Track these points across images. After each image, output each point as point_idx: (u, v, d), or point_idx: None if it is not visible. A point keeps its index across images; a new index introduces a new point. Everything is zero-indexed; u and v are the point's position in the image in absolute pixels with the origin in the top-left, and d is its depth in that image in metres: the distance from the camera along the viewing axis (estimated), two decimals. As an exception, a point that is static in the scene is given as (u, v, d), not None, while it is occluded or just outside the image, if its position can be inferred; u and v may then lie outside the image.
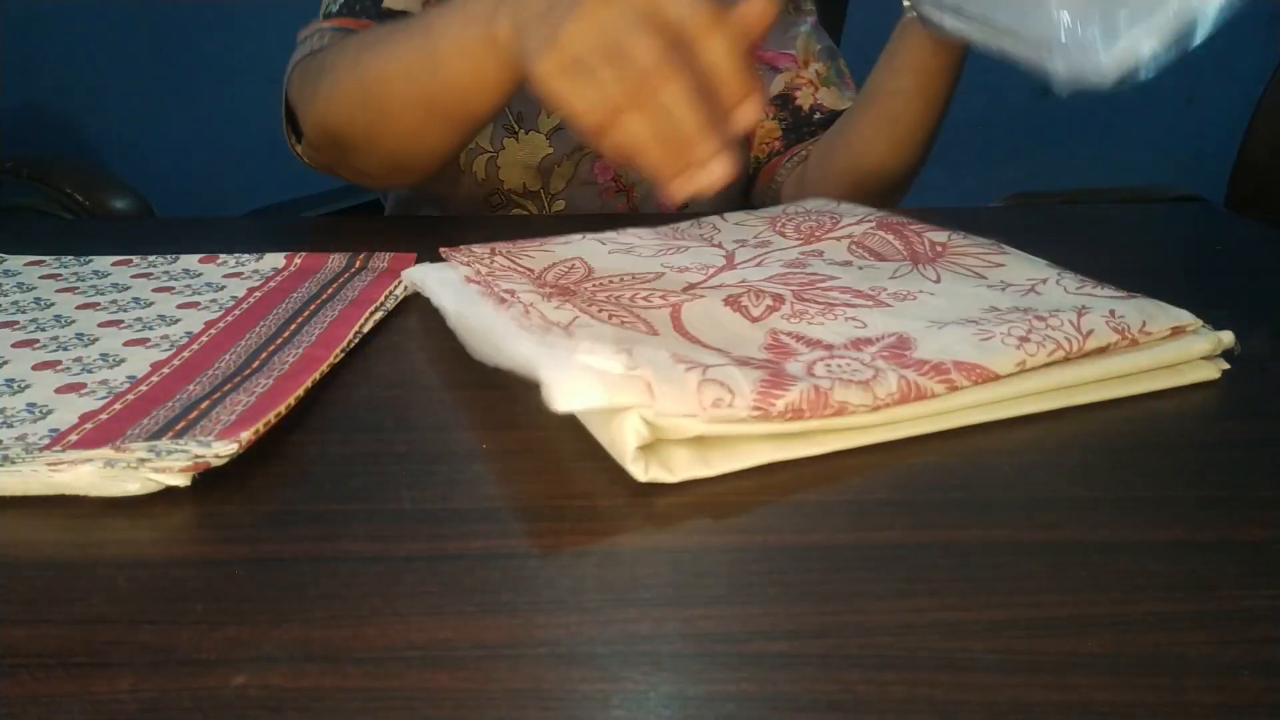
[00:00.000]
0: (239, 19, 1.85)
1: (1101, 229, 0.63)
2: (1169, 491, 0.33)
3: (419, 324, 0.48)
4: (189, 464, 0.32)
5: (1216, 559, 0.29)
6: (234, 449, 0.32)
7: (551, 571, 0.28)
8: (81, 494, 0.31)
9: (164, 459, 0.32)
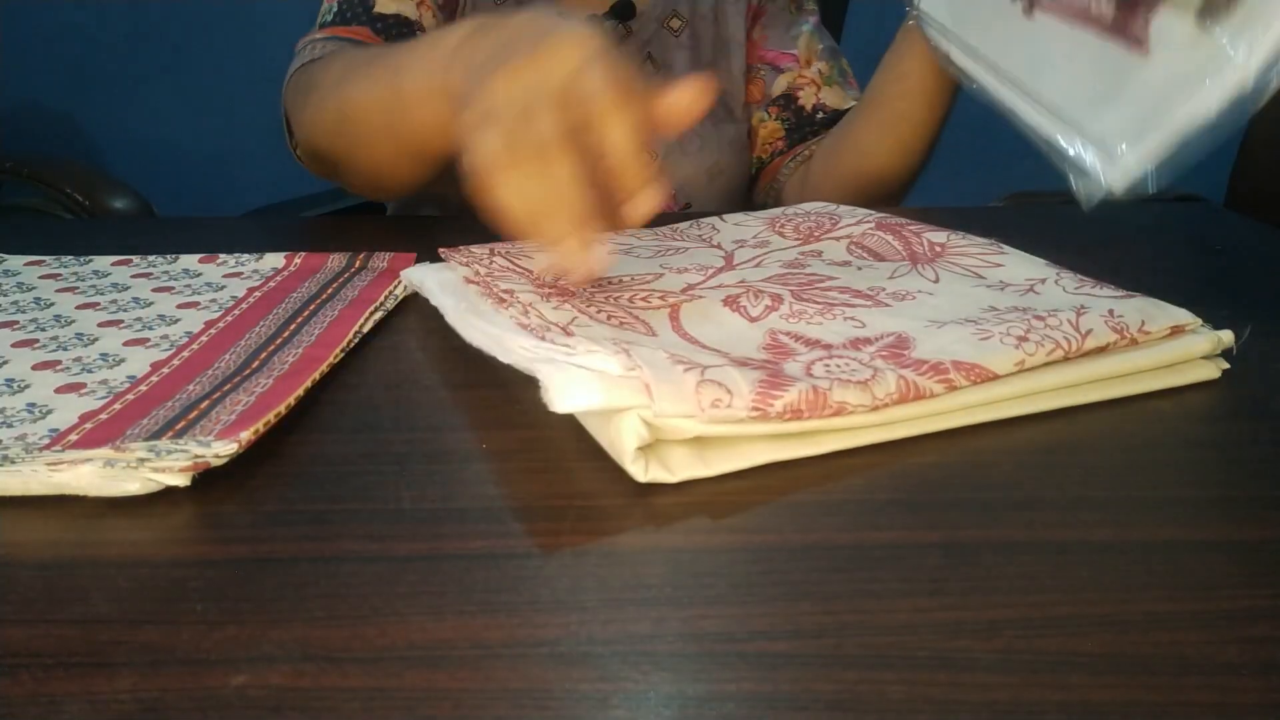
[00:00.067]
0: (239, 19, 1.85)
1: (1101, 229, 0.63)
2: (1169, 491, 0.33)
3: (419, 324, 0.48)
4: (189, 464, 0.32)
5: (1216, 559, 0.29)
6: (234, 449, 0.32)
7: (551, 571, 0.28)
8: (81, 494, 0.31)
9: (164, 459, 0.32)
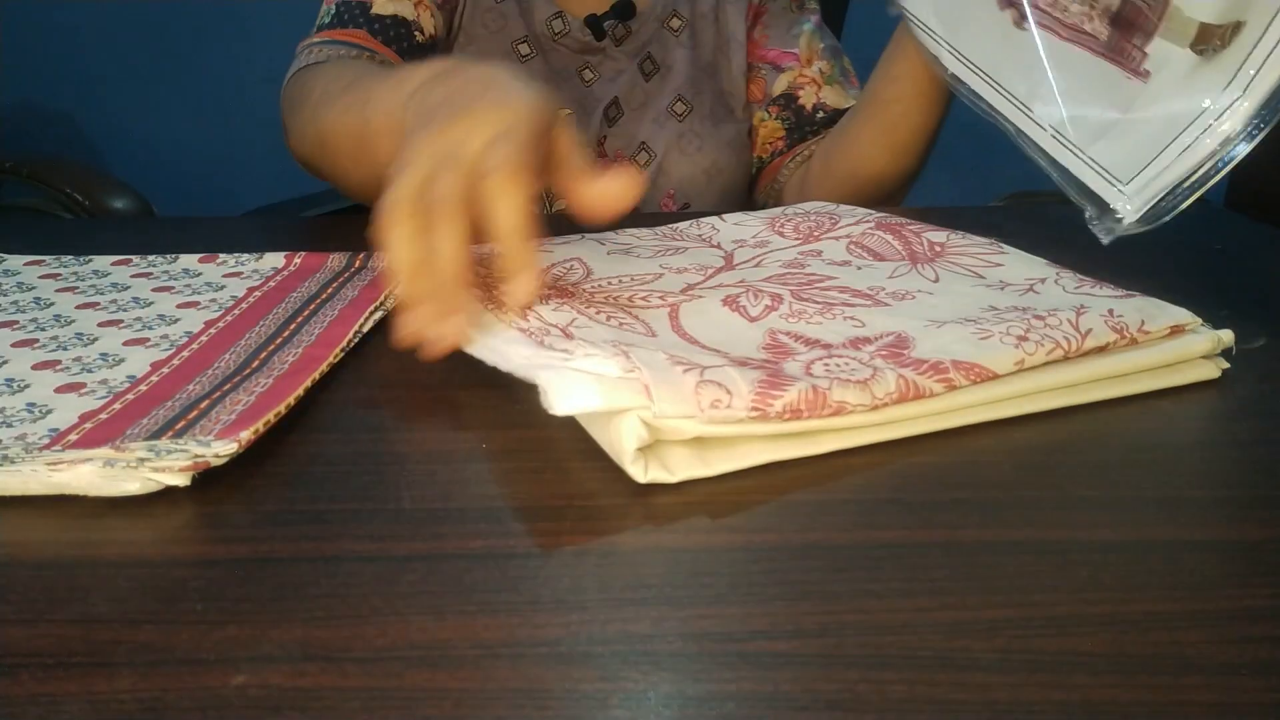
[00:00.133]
0: (239, 19, 1.85)
1: (1101, 229, 0.63)
2: (1169, 491, 0.33)
3: (419, 324, 0.48)
4: (189, 463, 0.32)
5: (1216, 559, 0.29)
6: (234, 448, 0.32)
7: (551, 571, 0.28)
8: (81, 494, 0.31)
9: (163, 458, 0.32)
